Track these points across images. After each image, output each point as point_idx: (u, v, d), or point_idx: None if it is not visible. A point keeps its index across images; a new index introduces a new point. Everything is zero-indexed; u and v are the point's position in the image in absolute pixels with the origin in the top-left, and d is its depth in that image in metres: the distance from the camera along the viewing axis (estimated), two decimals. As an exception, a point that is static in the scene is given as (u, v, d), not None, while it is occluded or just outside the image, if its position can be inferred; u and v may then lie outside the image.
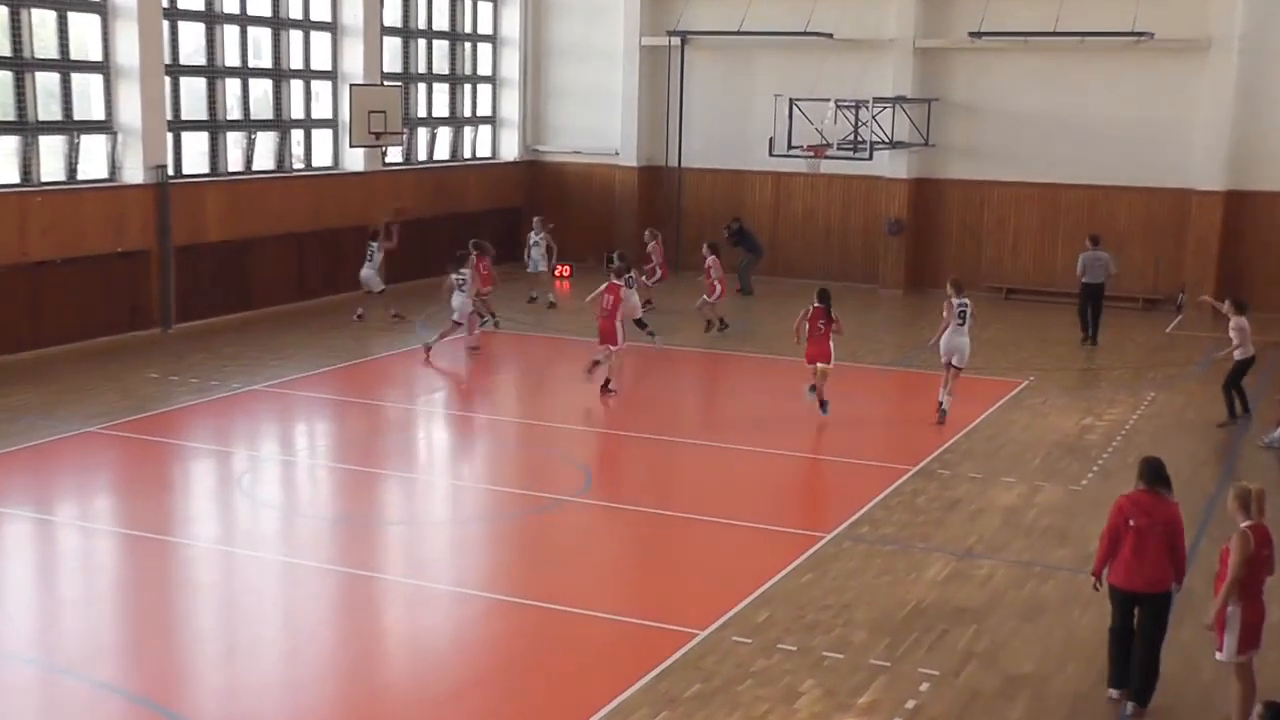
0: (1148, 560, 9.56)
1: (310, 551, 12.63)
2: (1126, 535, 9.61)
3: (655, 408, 18.94)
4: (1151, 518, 9.60)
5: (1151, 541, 9.56)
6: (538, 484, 14.86)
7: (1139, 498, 9.70)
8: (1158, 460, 9.83)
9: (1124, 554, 9.64)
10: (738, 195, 30.05)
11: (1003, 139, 28.17)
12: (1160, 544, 9.58)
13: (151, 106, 22.04)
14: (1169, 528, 9.61)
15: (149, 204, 22.17)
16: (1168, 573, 9.62)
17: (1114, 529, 9.69)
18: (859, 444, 17.05)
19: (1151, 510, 9.63)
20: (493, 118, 31.64)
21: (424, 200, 28.52)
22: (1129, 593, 9.70)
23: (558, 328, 23.00)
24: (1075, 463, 15.95)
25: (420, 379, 20.52)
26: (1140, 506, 9.65)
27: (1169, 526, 9.62)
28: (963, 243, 28.76)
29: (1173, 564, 9.64)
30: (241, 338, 22.23)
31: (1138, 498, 9.70)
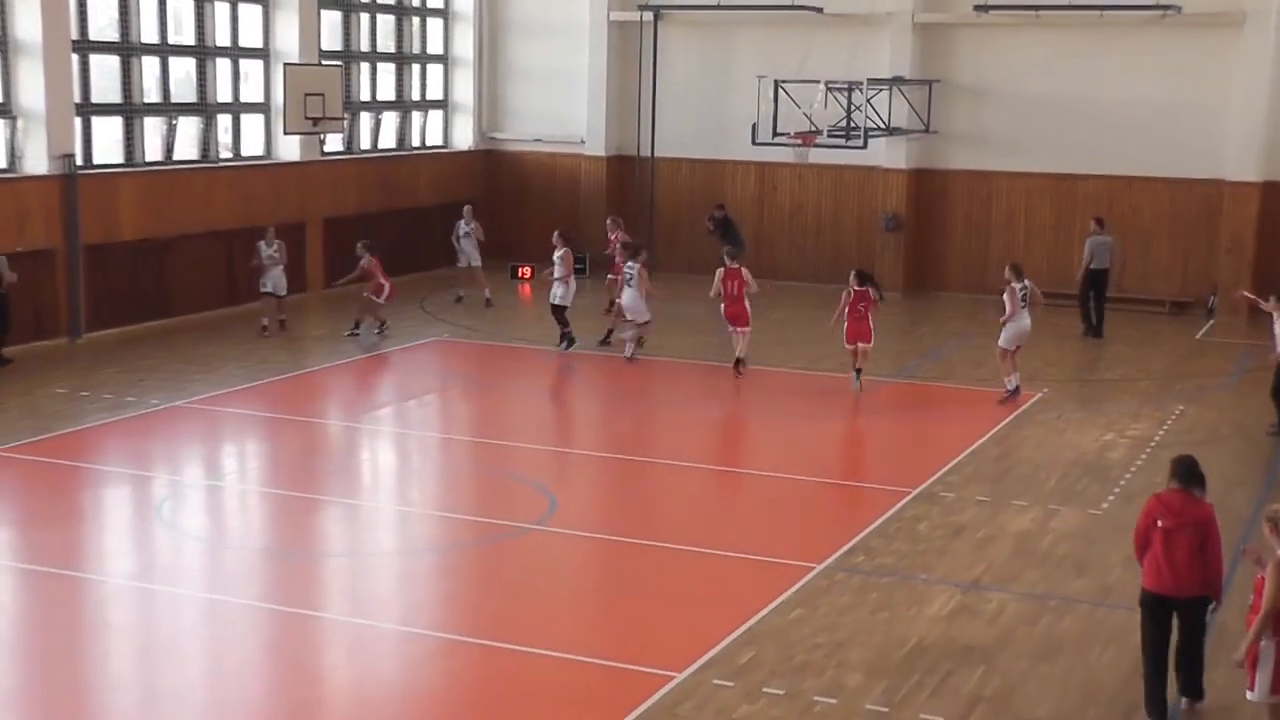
0: (1177, 563, 9.93)
1: (239, 587, 12.57)
2: (1155, 537, 10.03)
3: (627, 424, 18.93)
4: (1180, 518, 9.96)
5: (1180, 543, 9.94)
6: (495, 510, 14.82)
7: (1169, 498, 10.09)
8: (1190, 458, 10.23)
9: (1153, 556, 10.04)
10: (717, 188, 30.11)
11: (1012, 125, 28.33)
12: (1190, 546, 9.92)
13: (57, 88, 21.93)
14: (1200, 529, 9.93)
15: (54, 198, 22.07)
16: (1198, 575, 9.95)
17: (1142, 531, 10.15)
18: (853, 464, 17.07)
19: (1181, 511, 9.99)
20: (444, 102, 31.64)
21: (368, 194, 28.49)
22: (1159, 597, 10.04)
23: (516, 334, 22.98)
24: (1094, 484, 16.02)
25: (363, 393, 20.46)
26: (1169, 507, 10.03)
27: (1200, 528, 9.93)
28: (968, 240, 28.90)
29: (1203, 568, 9.93)
30: (161, 348, 22.14)
31: (1168, 498, 10.10)
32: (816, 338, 23.78)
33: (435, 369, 21.69)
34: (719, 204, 28.74)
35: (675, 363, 22.10)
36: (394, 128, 30.25)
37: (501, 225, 31.37)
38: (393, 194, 29.24)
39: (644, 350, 22.10)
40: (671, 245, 30.74)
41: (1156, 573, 10.04)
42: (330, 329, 24.05)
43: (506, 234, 31.15)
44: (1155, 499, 10.14)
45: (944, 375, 21.50)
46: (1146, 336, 24.97)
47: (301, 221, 26.82)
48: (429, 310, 25.98)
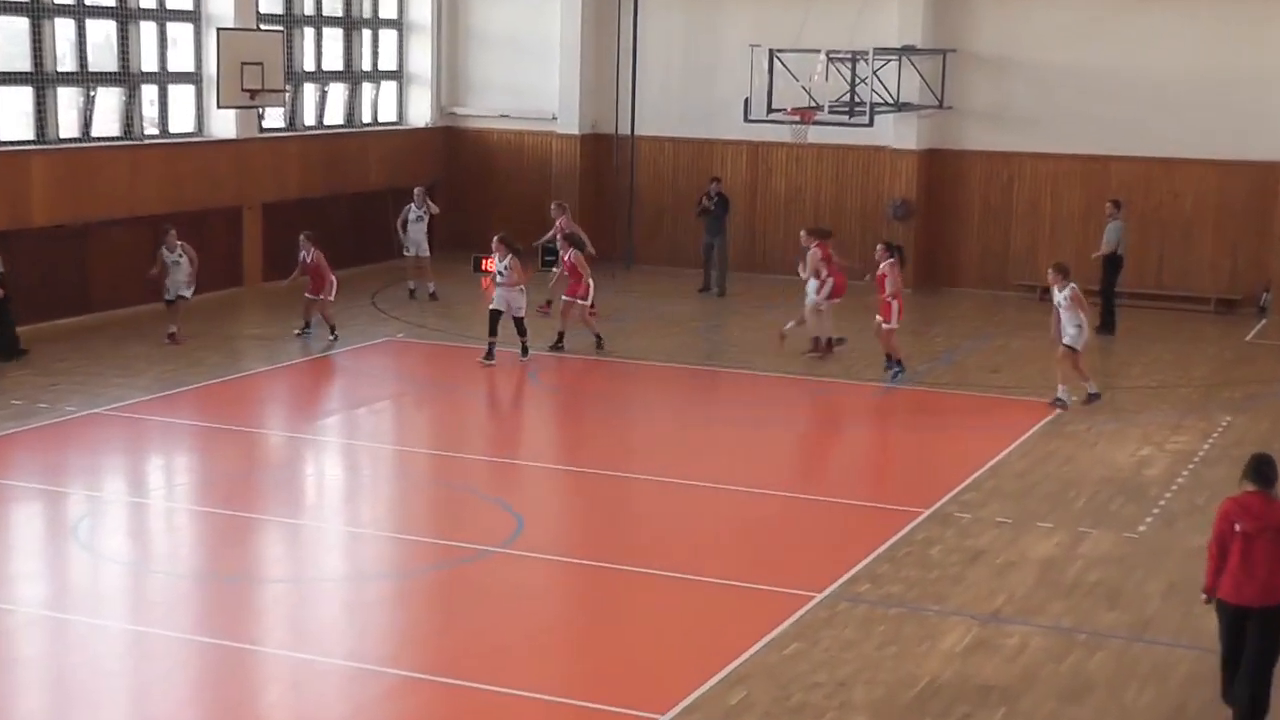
0: (1257, 569, 10.20)
1: (166, 617, 12.50)
2: (1233, 542, 10.28)
3: (603, 434, 18.90)
4: (1261, 521, 10.22)
5: (1261, 548, 10.21)
6: (455, 531, 14.78)
7: (1246, 500, 10.34)
8: (1267, 457, 10.47)
9: (1231, 563, 10.29)
10: (705, 170, 30.05)
11: (1037, 100, 28.37)
12: (1271, 551, 10.18)
13: (-37, 55, 21.84)
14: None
15: (-41, 178, 22.00)
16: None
17: (1220, 536, 10.38)
18: (857, 480, 17.07)
19: (1262, 514, 10.25)
20: (399, 72, 31.59)
21: (312, 176, 28.43)
22: (1238, 608, 10.29)
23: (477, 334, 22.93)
24: (1130, 504, 16.05)
25: (306, 399, 20.40)
26: (1248, 509, 10.29)
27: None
28: (986, 229, 28.95)
29: None
30: (78, 348, 22.05)
31: (1245, 500, 10.34)
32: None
33: (388, 372, 21.63)
34: (715, 177, 28.71)
35: (656, 366, 22.08)
36: (342, 102, 30.18)
37: (464, 212, 31.32)
38: (340, 176, 29.18)
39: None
40: (653, 235, 30.73)
41: (1234, 582, 10.30)
42: (270, 327, 23.97)
43: (469, 222, 31.09)
44: (1231, 501, 10.41)
45: (959, 381, 21.53)
46: (1189, 338, 25.04)
47: (238, 206, 26.73)
48: (381, 307, 25.92)
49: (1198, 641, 12.18)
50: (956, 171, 29.06)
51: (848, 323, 23.33)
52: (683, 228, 30.31)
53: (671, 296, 27.45)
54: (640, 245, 30.60)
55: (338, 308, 23.41)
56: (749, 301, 27.39)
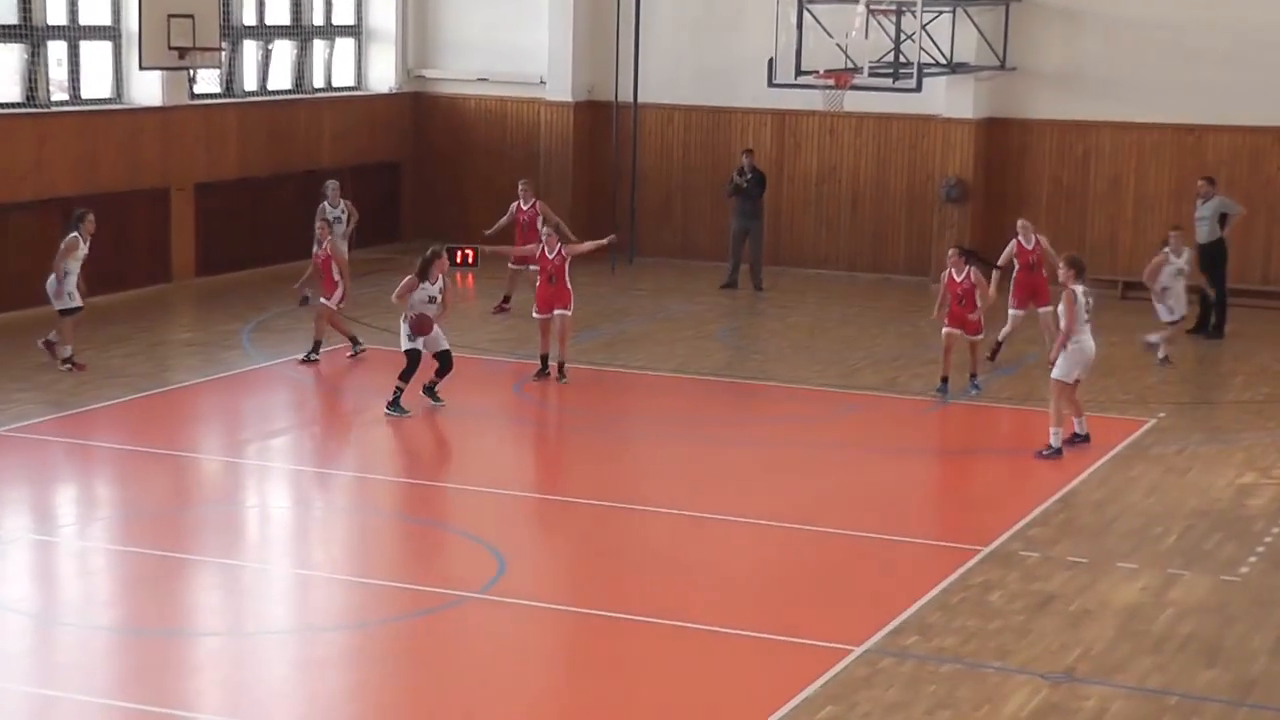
0: None
1: (80, 678, 12.47)
2: None
3: (601, 459, 18.89)
4: None
5: None
6: (426, 573, 14.78)
7: None
8: None
9: None
10: (722, 144, 30.12)
11: (1118, 58, 28.37)
12: None
13: None
14: None
15: None
16: None
17: None
18: (903, 513, 17.05)
19: None
20: (357, 28, 31.62)
21: (254, 152, 28.44)
22: None
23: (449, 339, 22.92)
24: (1229, 541, 16.03)
25: (249, 417, 20.38)
26: None
27: None
28: (1057, 213, 28.94)
29: None
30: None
31: None
32: (852, 344, 23.82)
33: (343, 385, 21.62)
34: (747, 149, 28.69)
35: (665, 378, 22.09)
36: (289, 63, 30.20)
37: (434, 195, 31.34)
38: (287, 152, 29.20)
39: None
40: (660, 222, 30.74)
41: None
42: (203, 331, 23.97)
43: (440, 207, 31.13)
44: None
45: (1025, 396, 21.52)
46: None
47: (164, 187, 26.75)
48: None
49: (1311, 705, 12.20)
50: (1022, 145, 29.07)
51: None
52: (695, 213, 30.33)
53: (682, 294, 27.45)
54: (644, 235, 30.59)
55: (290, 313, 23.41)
56: (776, 299, 27.39)
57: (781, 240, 29.91)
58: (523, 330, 24.12)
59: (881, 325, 25.52)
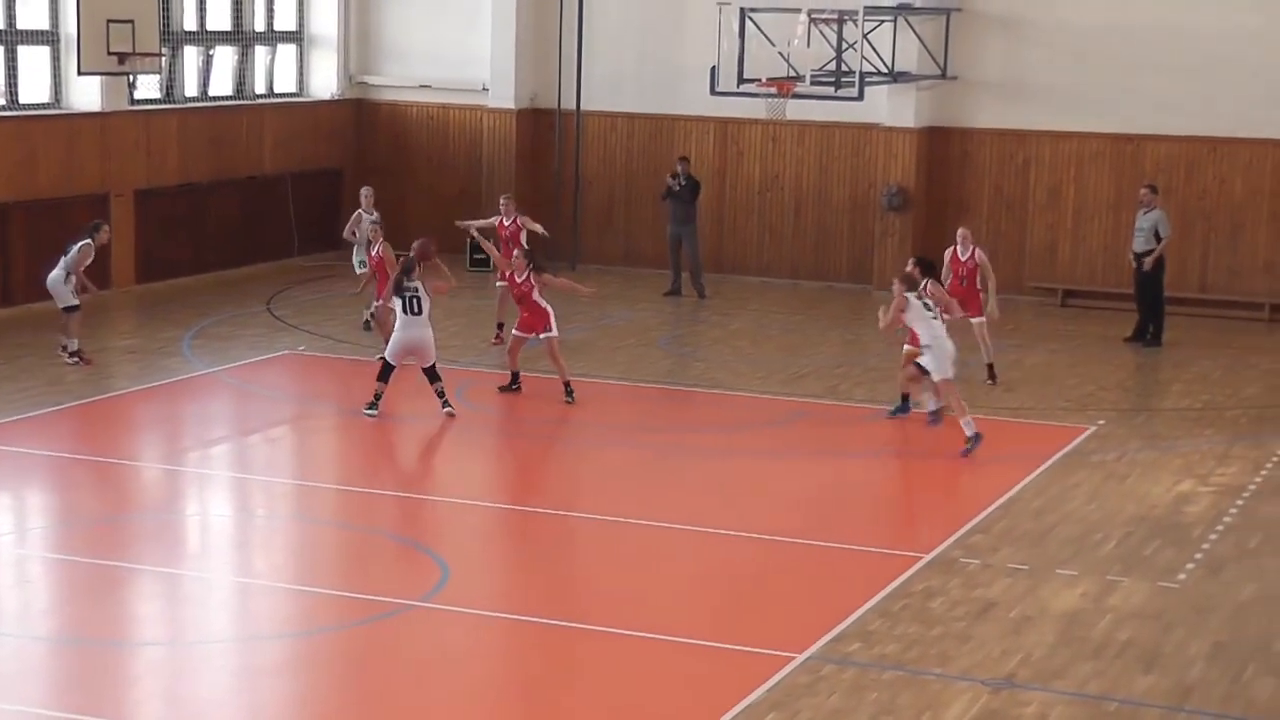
0: None
1: (16, 689, 12.37)
2: None
3: (545, 466, 18.87)
4: None
5: None
6: (368, 581, 14.72)
7: None
8: None
9: None
10: (664, 152, 30.10)
11: (1059, 68, 28.46)
12: None
13: None
14: None
15: None
16: None
17: None
18: (846, 521, 17.08)
19: None
20: (299, 34, 31.52)
21: (195, 158, 28.30)
22: None
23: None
24: (1168, 548, 16.11)
25: (189, 425, 20.29)
26: None
27: None
28: (998, 222, 29.04)
29: None
30: (-87, 364, 21.95)
31: None
32: (795, 351, 23.87)
33: (286, 392, 21.53)
34: (682, 156, 28.71)
35: (609, 385, 22.08)
36: (230, 68, 30.08)
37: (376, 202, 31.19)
38: (228, 158, 29.08)
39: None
40: (603, 229, 30.74)
41: None
42: (143, 338, 23.84)
43: (382, 214, 30.86)
44: None
45: (966, 402, 21.55)
46: (1239, 351, 25.17)
47: (103, 194, 26.59)
48: (278, 314, 25.84)
49: (1248, 711, 12.25)
50: (963, 153, 29.17)
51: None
52: (638, 221, 30.34)
53: (626, 301, 27.45)
54: (588, 241, 30.58)
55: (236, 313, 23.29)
56: (719, 306, 27.42)
57: (724, 248, 29.94)
58: (469, 338, 24.09)
59: (824, 333, 25.58)
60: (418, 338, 19.85)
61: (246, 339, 23.84)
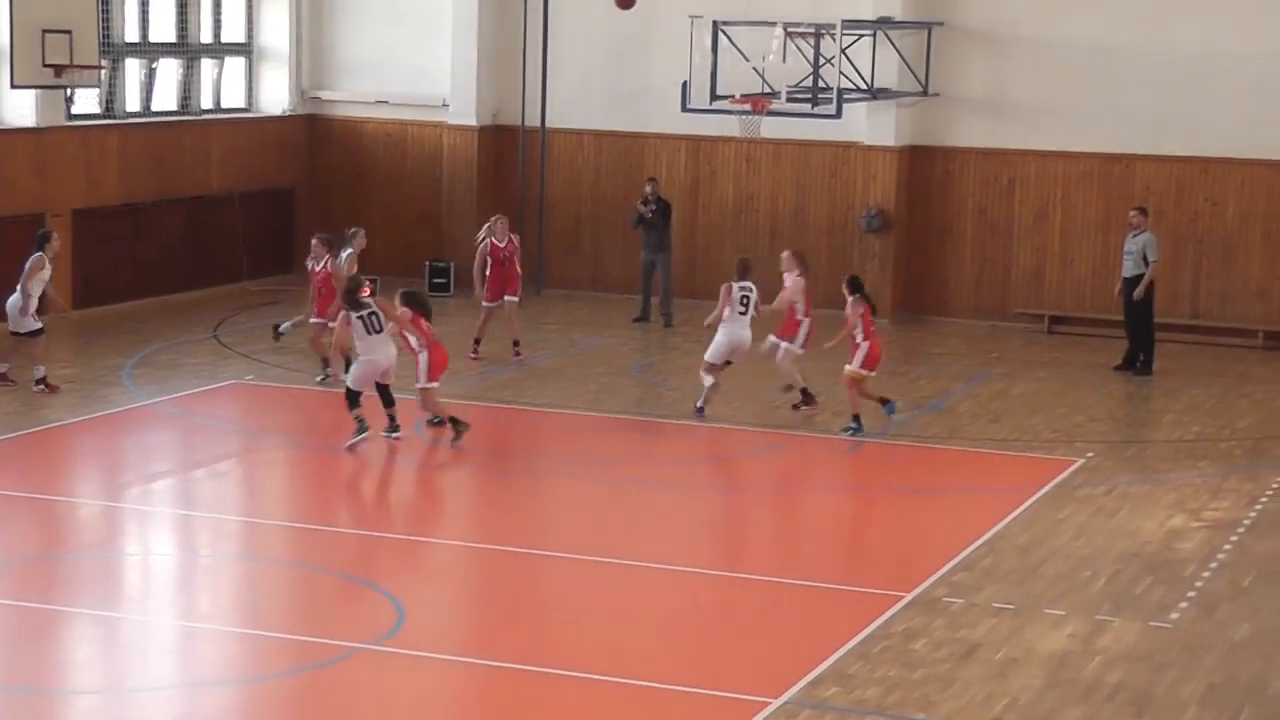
0: None
1: (-52, 736, 12.35)
2: None
3: (508, 501, 18.82)
4: None
5: None
6: (319, 624, 14.67)
7: None
8: None
9: None
10: (634, 171, 30.11)
11: (1045, 86, 28.55)
12: None
13: None
14: None
15: None
16: None
17: None
18: (823, 558, 17.08)
19: None
20: (248, 46, 31.48)
21: (137, 177, 28.24)
22: None
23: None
24: (1159, 585, 16.13)
25: (130, 459, 20.22)
26: None
27: None
28: (982, 245, 29.10)
29: None
30: None
31: None
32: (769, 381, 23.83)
33: (233, 423, 21.47)
34: (651, 178, 28.72)
35: (575, 416, 22.06)
36: (175, 82, 30.03)
37: (329, 223, 31.11)
38: (173, 177, 29.01)
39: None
40: (569, 252, 30.71)
41: None
42: (82, 366, 23.74)
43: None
44: None
45: (949, 434, 21.62)
46: (1232, 380, 25.24)
47: (39, 213, 26.52)
48: (225, 341, 25.77)
49: (1244, 757, 12.28)
50: (945, 174, 29.22)
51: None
52: (606, 244, 30.34)
53: (593, 328, 27.45)
54: (553, 266, 30.56)
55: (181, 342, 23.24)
56: (691, 334, 27.38)
57: (697, 272, 29.91)
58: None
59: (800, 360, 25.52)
60: (386, 358, 19.84)
61: (191, 367, 23.76)
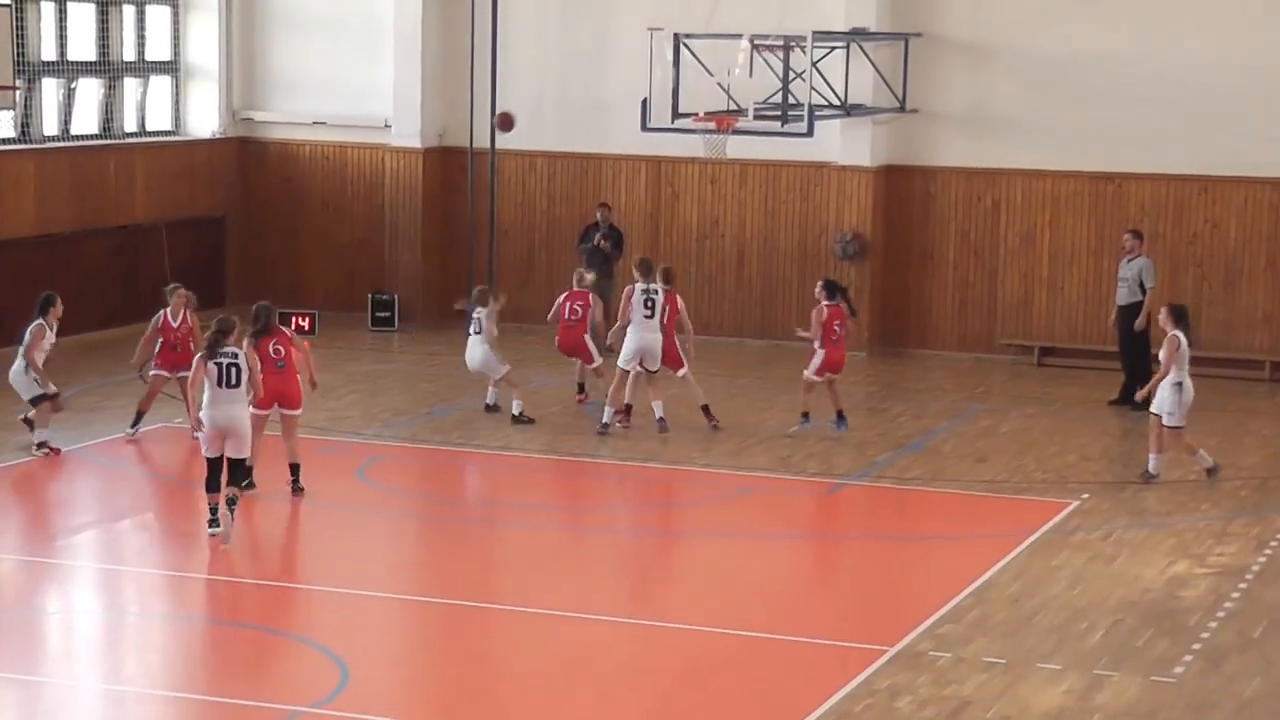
0: None
1: None
2: None
3: (457, 551, 18.80)
4: None
5: None
6: (257, 685, 14.63)
7: None
8: None
9: None
10: (590, 195, 30.08)
11: (1031, 100, 28.60)
12: None
13: None
14: None
15: None
16: None
17: None
18: (802, 610, 17.06)
19: None
20: (174, 64, 31.45)
21: (55, 205, 28.16)
22: None
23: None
24: (1161, 638, 16.14)
25: (52, 508, 20.14)
26: None
27: None
28: (965, 272, 29.14)
29: None
30: None
31: None
32: (739, 419, 23.86)
33: (161, 470, 21.40)
34: (603, 203, 28.73)
35: (526, 459, 22.03)
36: (96, 103, 29.98)
37: (263, 253, 31.18)
38: (95, 205, 28.91)
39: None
40: (523, 284, 30.64)
41: None
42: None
43: (270, 266, 30.93)
44: None
45: (933, 475, 21.64)
46: (1237, 415, 25.34)
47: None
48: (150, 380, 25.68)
49: (1256, 820, 12.28)
50: (925, 195, 29.26)
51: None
52: (561, 273, 30.18)
53: (547, 365, 27.40)
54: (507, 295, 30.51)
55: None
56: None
57: (658, 302, 29.93)
58: (366, 407, 24.00)
59: (772, 398, 25.54)
60: (235, 417, 18.26)
61: (115, 410, 23.67)
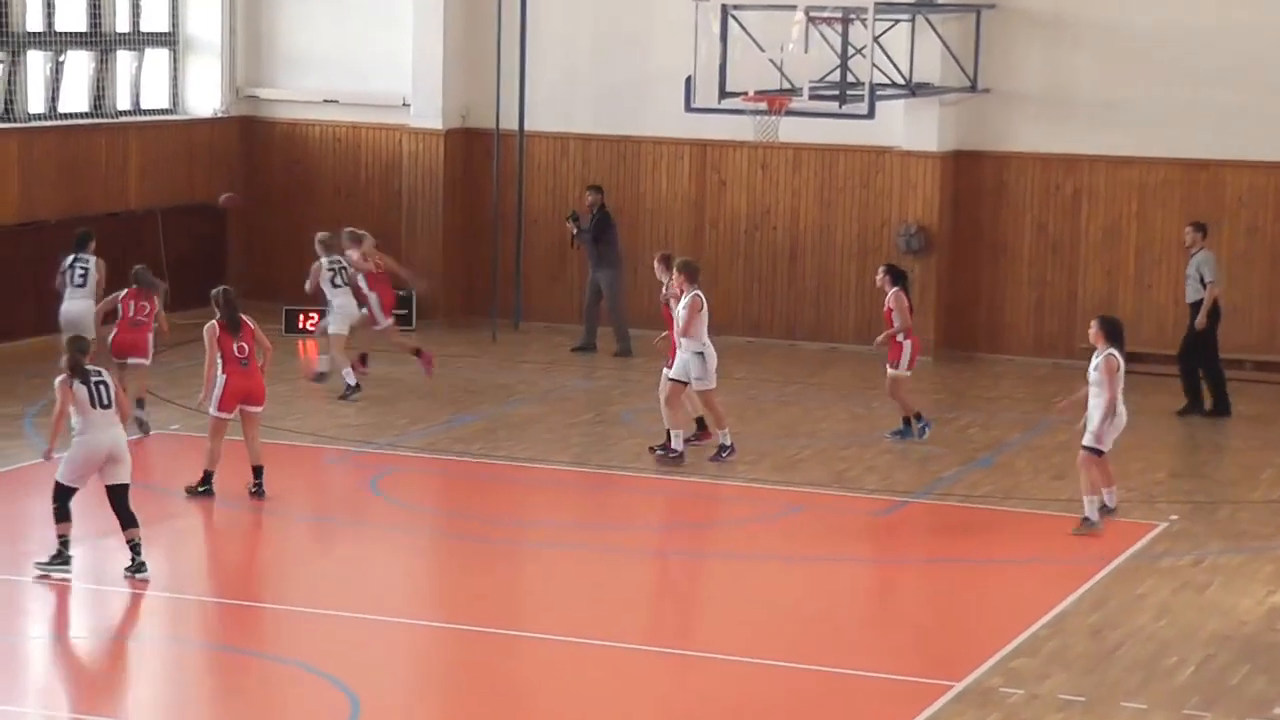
0: None
1: None
2: None
3: (478, 573, 18.83)
4: None
5: None
6: (262, 716, 14.70)
7: None
8: None
9: None
10: (629, 180, 30.16)
11: (1116, 79, 28.60)
12: None
13: None
14: None
15: None
16: None
17: None
18: (859, 642, 17.05)
19: None
20: (173, 36, 31.53)
21: (42, 190, 28.27)
22: None
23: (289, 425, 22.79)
24: (1259, 674, 16.07)
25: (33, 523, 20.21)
26: None
27: None
28: (1041, 268, 29.09)
29: None
30: None
31: None
32: (792, 429, 23.85)
33: (156, 480, 21.45)
34: (592, 185, 28.78)
35: (553, 473, 22.05)
36: (87, 79, 30.08)
37: (268, 242, 31.22)
38: (84, 190, 29.04)
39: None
40: (554, 278, 30.69)
41: None
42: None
43: (275, 257, 30.97)
44: None
45: (1006, 493, 21.60)
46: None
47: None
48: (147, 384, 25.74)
49: None
50: (998, 183, 29.25)
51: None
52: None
53: (579, 368, 27.46)
54: (532, 294, 30.52)
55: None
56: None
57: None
58: (379, 413, 24.02)
59: (827, 406, 25.56)
60: (117, 439, 17.96)
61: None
